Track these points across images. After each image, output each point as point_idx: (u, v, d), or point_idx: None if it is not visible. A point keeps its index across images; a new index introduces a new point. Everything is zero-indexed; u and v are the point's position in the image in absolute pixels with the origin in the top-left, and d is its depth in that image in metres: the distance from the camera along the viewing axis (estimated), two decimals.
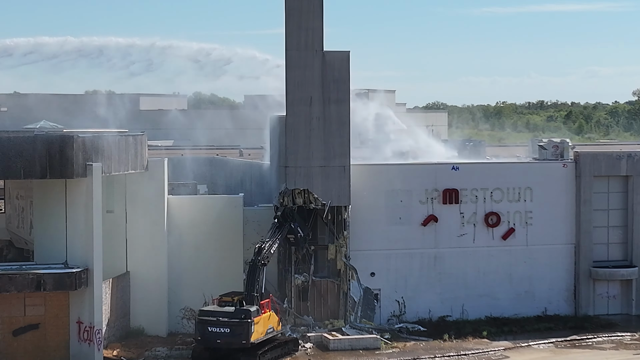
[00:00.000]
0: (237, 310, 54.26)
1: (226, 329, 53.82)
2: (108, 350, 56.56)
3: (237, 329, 53.81)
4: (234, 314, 54.09)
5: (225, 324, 53.90)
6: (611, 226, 68.17)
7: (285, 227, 59.97)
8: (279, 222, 59.92)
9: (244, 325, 53.87)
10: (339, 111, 61.91)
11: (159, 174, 60.27)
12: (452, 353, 58.22)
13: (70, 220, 54.91)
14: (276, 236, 58.96)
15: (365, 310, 63.94)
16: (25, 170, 53.27)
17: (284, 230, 59.80)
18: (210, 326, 54.03)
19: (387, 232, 64.36)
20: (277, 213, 60.39)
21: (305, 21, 61.45)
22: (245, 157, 79.37)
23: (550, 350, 59.65)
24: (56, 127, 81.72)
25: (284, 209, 60.39)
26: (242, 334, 53.76)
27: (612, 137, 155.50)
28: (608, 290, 67.66)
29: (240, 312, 54.18)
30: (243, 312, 54.17)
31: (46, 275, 53.71)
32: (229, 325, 53.85)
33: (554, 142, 68.97)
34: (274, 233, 59.14)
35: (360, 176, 63.19)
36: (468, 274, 65.62)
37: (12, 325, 54.64)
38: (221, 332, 53.86)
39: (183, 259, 61.28)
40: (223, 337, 53.86)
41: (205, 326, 54.15)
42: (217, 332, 53.90)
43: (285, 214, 60.24)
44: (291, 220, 60.32)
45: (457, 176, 65.50)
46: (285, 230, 59.97)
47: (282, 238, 59.79)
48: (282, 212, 60.17)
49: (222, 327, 53.86)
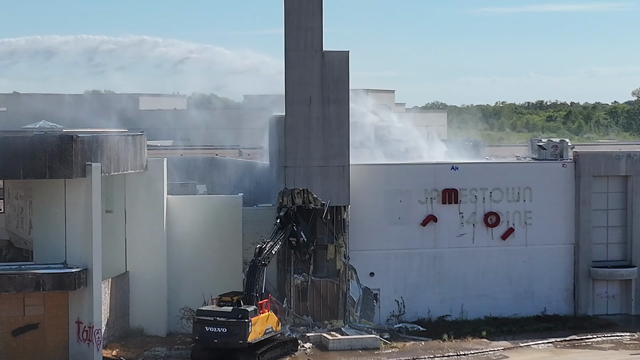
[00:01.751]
0: (235, 310, 54.26)
1: (223, 329, 53.84)
2: (107, 350, 56.55)
3: (234, 329, 53.80)
4: (231, 314, 54.09)
5: (222, 324, 53.90)
6: (610, 226, 68.17)
7: (288, 229, 59.92)
8: (281, 223, 59.85)
9: (241, 325, 53.85)
10: (339, 111, 61.92)
11: (159, 174, 60.26)
12: (451, 353, 58.22)
13: (70, 220, 54.91)
14: (278, 237, 58.92)
15: (365, 310, 63.95)
16: (25, 170, 53.26)
17: (286, 232, 59.77)
18: (208, 326, 54.06)
19: (386, 232, 64.36)
20: (280, 214, 60.29)
21: (304, 21, 61.47)
22: (245, 157, 79.35)
23: (549, 350, 59.66)
24: (55, 127, 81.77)
25: (287, 210, 60.33)
26: (239, 333, 53.75)
27: (612, 137, 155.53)
28: (607, 290, 67.66)
29: (237, 312, 54.18)
30: (240, 312, 54.17)
31: (45, 275, 53.71)
32: (226, 325, 53.86)
33: (553, 142, 69.00)
34: (275, 234, 59.10)
35: (359, 176, 63.19)
36: (467, 274, 65.63)
37: (12, 325, 54.63)
38: (218, 332, 53.89)
39: (182, 258, 61.27)
40: (220, 337, 53.88)
41: (203, 326, 54.19)
42: (215, 332, 53.93)
43: (288, 216, 60.15)
44: (295, 222, 60.26)
45: (456, 176, 65.51)
46: (288, 232, 59.94)
47: (284, 240, 59.75)
48: (285, 213, 60.10)
49: (220, 327, 53.87)
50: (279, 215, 60.15)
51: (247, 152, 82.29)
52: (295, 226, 60.15)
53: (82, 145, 53.96)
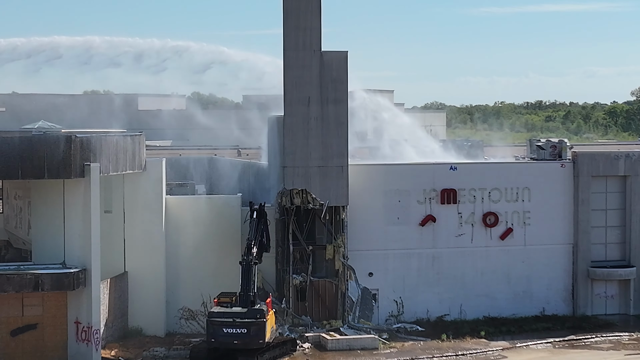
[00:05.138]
0: (251, 310, 53.91)
1: (243, 329, 53.41)
2: (106, 351, 56.54)
3: (254, 329, 53.47)
4: (247, 314, 53.73)
5: (241, 325, 53.38)
6: (609, 226, 68.20)
7: (260, 226, 58.15)
8: (257, 218, 58.06)
9: (259, 325, 53.67)
10: (337, 111, 61.94)
11: (157, 174, 60.27)
12: (450, 353, 58.22)
13: (68, 220, 54.90)
14: (258, 233, 57.85)
15: (363, 310, 63.96)
16: (23, 170, 53.23)
17: (259, 229, 58.07)
18: (226, 327, 53.47)
19: (385, 232, 64.38)
20: (254, 207, 58.42)
21: (303, 21, 61.50)
22: (244, 157, 79.32)
23: (548, 350, 59.68)
24: (54, 127, 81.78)
25: (260, 205, 58.84)
26: (259, 333, 53.52)
27: (610, 137, 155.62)
28: (606, 290, 67.68)
29: (254, 312, 53.84)
30: (257, 311, 53.89)
31: (44, 275, 53.68)
32: (246, 326, 53.38)
33: (552, 142, 69.00)
34: (255, 230, 57.65)
35: (358, 176, 63.20)
36: (466, 274, 65.66)
37: (10, 326, 54.60)
38: (238, 333, 53.36)
39: (181, 259, 61.27)
40: (240, 338, 53.32)
41: (220, 327, 53.54)
42: (234, 333, 53.32)
43: (260, 212, 58.33)
44: (263, 220, 58.51)
45: (455, 176, 65.53)
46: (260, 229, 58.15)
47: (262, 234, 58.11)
48: (258, 209, 58.33)
49: (239, 327, 53.34)
50: (252, 209, 58.23)
51: (246, 152, 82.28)
52: (263, 224, 58.54)
53: (81, 146, 53.94)
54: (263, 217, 58.38)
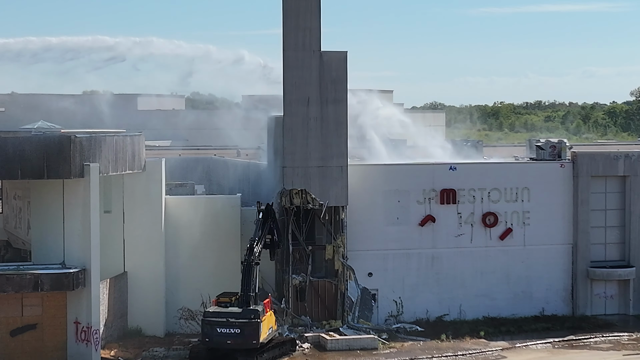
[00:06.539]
0: (246, 311, 53.99)
1: (236, 330, 53.51)
2: (106, 351, 56.56)
3: (248, 330, 53.50)
4: (242, 315, 53.80)
5: (235, 325, 53.47)
6: (608, 226, 68.24)
7: (267, 226, 58.53)
8: (263, 218, 58.51)
9: (253, 326, 53.67)
10: (337, 111, 61.96)
11: (157, 174, 60.29)
12: (449, 353, 58.23)
13: (68, 220, 54.91)
14: (263, 233, 58.03)
15: (363, 311, 63.97)
16: (23, 170, 53.24)
17: (265, 229, 58.46)
18: (220, 327, 53.63)
19: (384, 233, 64.39)
20: (261, 207, 58.70)
21: (302, 21, 61.52)
22: (243, 158, 79.33)
23: (547, 351, 59.69)
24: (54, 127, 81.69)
25: (267, 205, 59.36)
26: (253, 334, 53.55)
27: (610, 137, 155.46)
28: (605, 291, 67.71)
29: (249, 312, 53.89)
30: (252, 312, 53.93)
31: (44, 275, 53.69)
32: (239, 326, 53.49)
33: (551, 142, 69.01)
34: (259, 230, 58.09)
35: (357, 176, 63.21)
36: (465, 274, 65.67)
37: (10, 326, 54.60)
38: (231, 333, 53.52)
39: (181, 259, 61.29)
40: (233, 338, 53.45)
41: (214, 327, 53.68)
42: (227, 333, 53.47)
43: (268, 211, 58.74)
44: (272, 219, 58.95)
45: (454, 176, 65.55)
46: (267, 229, 58.53)
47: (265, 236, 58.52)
48: (265, 208, 58.68)
49: (232, 328, 53.51)
50: (259, 210, 58.51)
51: (245, 152, 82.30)
52: (272, 223, 58.86)
53: (81, 146, 53.95)
54: (271, 216, 58.50)
